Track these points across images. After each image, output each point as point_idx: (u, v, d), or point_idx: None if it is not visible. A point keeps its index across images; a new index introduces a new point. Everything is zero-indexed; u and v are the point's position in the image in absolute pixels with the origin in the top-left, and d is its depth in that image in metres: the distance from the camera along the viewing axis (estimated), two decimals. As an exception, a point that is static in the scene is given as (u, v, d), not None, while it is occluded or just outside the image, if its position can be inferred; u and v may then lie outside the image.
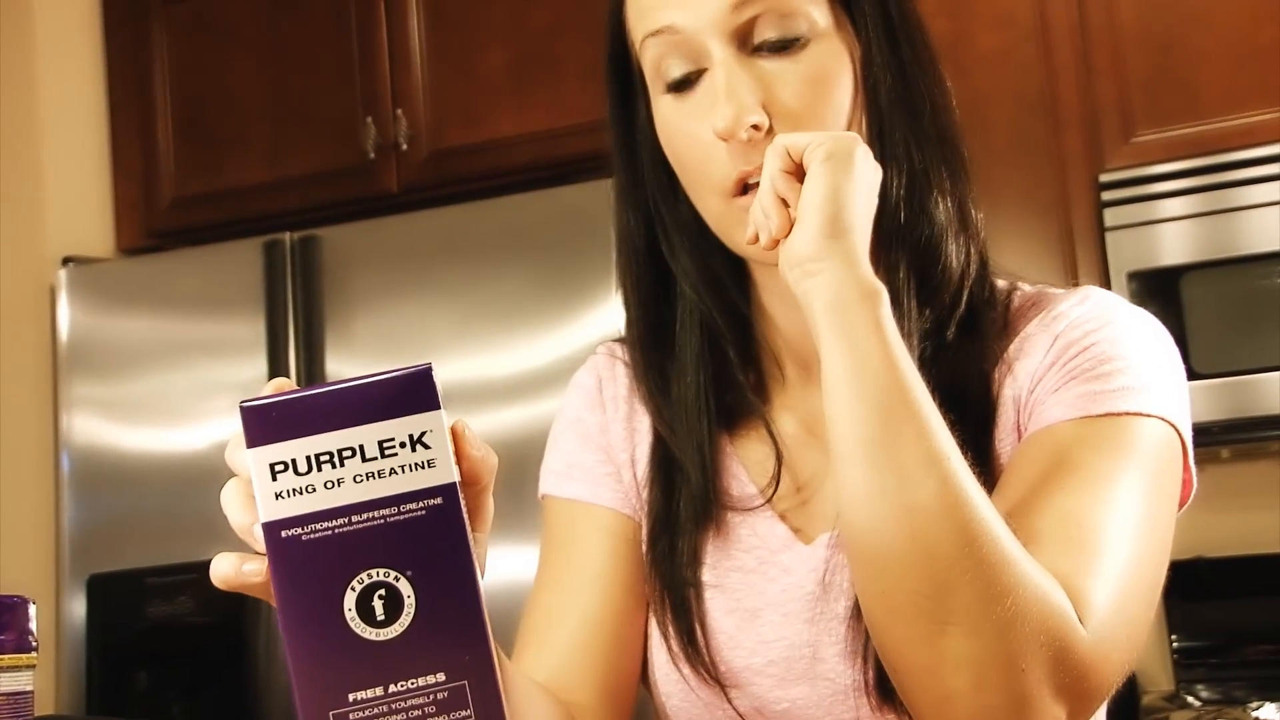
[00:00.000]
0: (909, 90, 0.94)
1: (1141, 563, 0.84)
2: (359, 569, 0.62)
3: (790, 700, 0.95)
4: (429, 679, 0.62)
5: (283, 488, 0.62)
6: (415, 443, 0.63)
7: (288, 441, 0.62)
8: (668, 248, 1.00)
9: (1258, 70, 2.45)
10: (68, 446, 2.83)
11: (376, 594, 0.62)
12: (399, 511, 0.62)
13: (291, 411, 0.62)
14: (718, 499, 1.00)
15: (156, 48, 3.14)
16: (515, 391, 2.54)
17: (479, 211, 2.66)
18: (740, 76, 0.90)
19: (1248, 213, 2.41)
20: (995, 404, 0.94)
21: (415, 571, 0.62)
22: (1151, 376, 0.91)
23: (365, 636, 0.62)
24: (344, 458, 0.62)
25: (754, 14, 0.90)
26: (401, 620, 0.62)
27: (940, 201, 0.94)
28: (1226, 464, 2.65)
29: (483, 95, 2.89)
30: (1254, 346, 2.41)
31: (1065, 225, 2.54)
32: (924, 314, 0.94)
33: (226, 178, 3.07)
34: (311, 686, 0.62)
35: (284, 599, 0.62)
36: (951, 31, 2.61)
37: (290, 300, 2.72)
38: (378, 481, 0.62)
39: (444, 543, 0.63)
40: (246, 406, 0.62)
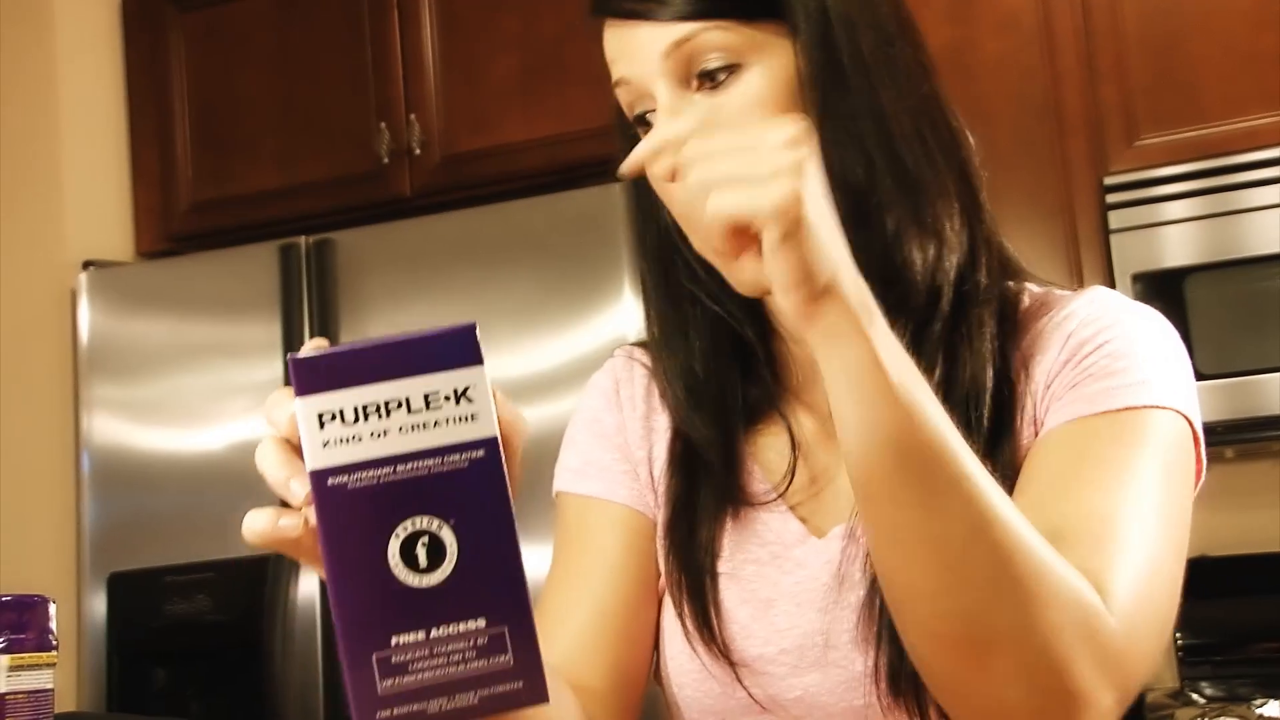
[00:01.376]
0: (846, 101, 0.93)
1: (1162, 552, 0.86)
2: (403, 517, 0.63)
3: (803, 688, 0.97)
4: (470, 625, 0.63)
5: (330, 437, 0.63)
6: (459, 397, 0.64)
7: (336, 392, 0.63)
8: (683, 262, 1.03)
9: (1259, 74, 2.46)
10: (88, 447, 2.86)
11: (420, 541, 0.63)
12: (442, 462, 0.64)
13: (340, 363, 0.63)
14: (735, 494, 1.02)
15: (174, 56, 3.18)
16: (526, 393, 2.56)
17: (490, 215, 2.68)
18: (674, 116, 0.93)
19: (1250, 215, 2.42)
20: (1014, 403, 0.96)
21: (457, 520, 0.64)
22: (1161, 370, 0.93)
23: (408, 583, 0.63)
24: (390, 409, 0.63)
25: (687, 53, 0.93)
26: (444, 567, 0.63)
27: (887, 214, 0.94)
28: (1231, 464, 2.66)
29: (494, 101, 2.91)
30: (1257, 347, 2.42)
31: (1070, 228, 2.55)
32: (894, 320, 0.92)
33: (243, 183, 3.10)
34: (355, 631, 0.63)
35: (329, 546, 0.63)
36: (956, 37, 2.63)
37: (305, 302, 2.75)
38: (422, 433, 0.64)
39: (485, 493, 0.65)
40: (297, 358, 0.64)
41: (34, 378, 3.01)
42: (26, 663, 0.87)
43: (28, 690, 0.87)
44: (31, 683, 0.87)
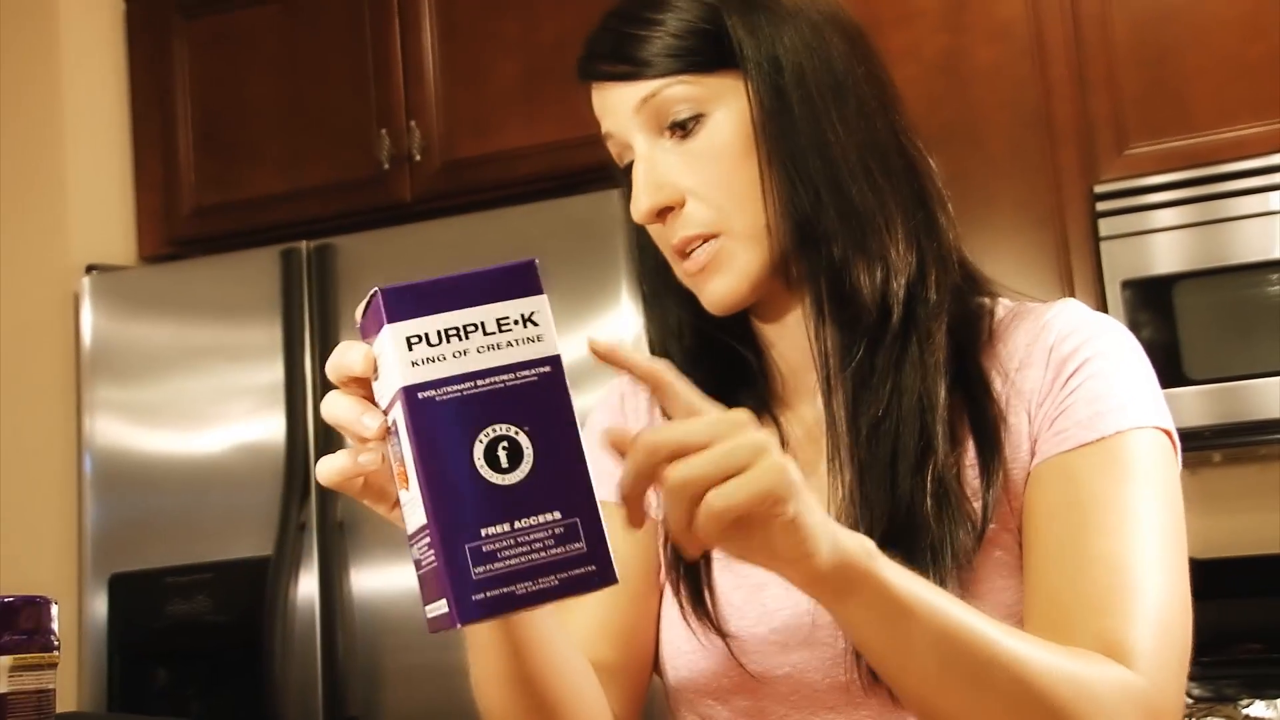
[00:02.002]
0: (796, 142, 1.02)
1: (1171, 582, 0.93)
2: (485, 424, 0.72)
3: (791, 665, 1.03)
4: (547, 516, 0.72)
5: (418, 357, 0.72)
6: (526, 321, 0.74)
7: (422, 318, 0.73)
8: (683, 295, 1.11)
9: (1247, 85, 2.48)
10: (90, 449, 2.87)
11: (500, 445, 0.72)
12: (515, 377, 0.73)
13: (423, 293, 0.73)
14: None
15: (177, 62, 3.19)
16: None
17: (490, 221, 2.70)
18: (646, 166, 1.04)
19: (1238, 223, 2.44)
20: (990, 405, 1.02)
21: (531, 426, 0.72)
22: (1137, 387, 1.01)
23: (493, 481, 0.71)
24: (468, 332, 0.73)
25: (654, 108, 1.04)
26: (522, 467, 0.72)
27: (834, 244, 1.02)
28: (1218, 467, 2.69)
29: (494, 107, 2.93)
30: (1244, 353, 2.44)
31: (1061, 235, 2.58)
32: (849, 336, 1.03)
33: (245, 188, 3.11)
34: (449, 527, 0.70)
35: (421, 454, 0.71)
36: (950, 46, 2.65)
37: (306, 307, 2.76)
38: (497, 352, 0.73)
39: (554, 403, 0.73)
40: (386, 289, 0.73)
41: (37, 380, 3.02)
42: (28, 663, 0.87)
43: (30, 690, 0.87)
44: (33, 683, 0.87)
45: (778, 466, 0.74)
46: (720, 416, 0.76)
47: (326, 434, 2.68)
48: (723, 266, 1.04)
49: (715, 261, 1.03)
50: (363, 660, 2.63)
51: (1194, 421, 2.41)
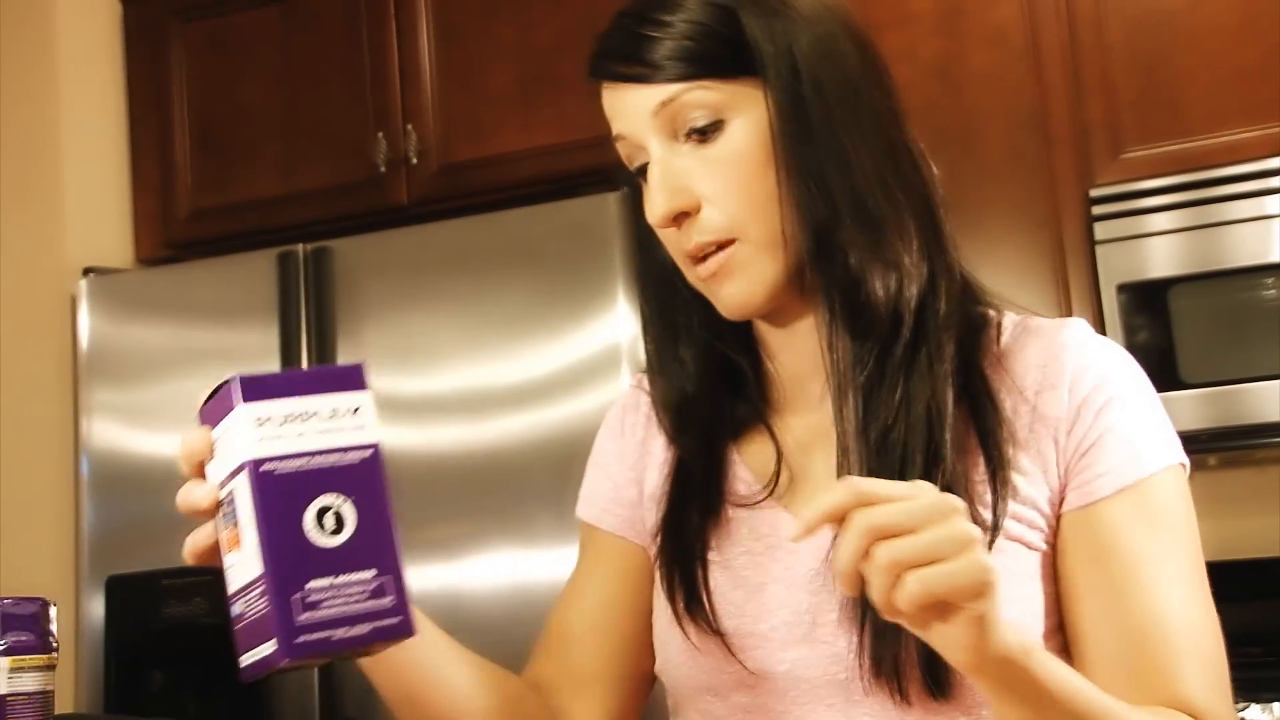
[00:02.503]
0: (815, 151, 1.02)
1: (1214, 628, 1.00)
2: (316, 494, 0.85)
3: (790, 661, 1.04)
4: (363, 574, 0.85)
5: (264, 434, 0.84)
6: (354, 412, 0.88)
7: (270, 401, 0.85)
8: (680, 295, 1.13)
9: (1242, 90, 2.49)
10: (87, 451, 2.87)
11: (328, 513, 0.85)
12: (344, 457, 0.86)
13: (273, 382, 0.86)
14: (724, 496, 1.11)
15: (174, 65, 3.20)
16: (520, 398, 2.58)
17: (486, 224, 2.70)
18: (663, 170, 1.04)
19: (1233, 227, 2.45)
20: (997, 415, 1.04)
21: (354, 499, 0.86)
22: (1157, 426, 1.04)
23: (320, 543, 0.84)
24: (307, 417, 0.86)
25: (673, 112, 1.03)
26: (345, 532, 0.85)
27: (851, 251, 1.02)
28: (1214, 471, 2.69)
29: (490, 111, 2.94)
30: (1240, 357, 2.45)
31: (1056, 239, 2.58)
32: (863, 345, 1.03)
33: (242, 191, 3.12)
34: (280, 579, 0.83)
35: (262, 516, 0.83)
36: (945, 50, 2.66)
37: (303, 309, 2.76)
38: (329, 435, 0.86)
39: (374, 480, 0.87)
40: (242, 376, 0.86)
41: (34, 383, 3.02)
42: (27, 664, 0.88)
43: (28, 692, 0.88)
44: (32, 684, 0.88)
45: (981, 566, 0.78)
46: (935, 500, 0.79)
47: (323, 437, 2.68)
48: (736, 272, 1.04)
49: (728, 267, 1.04)
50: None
51: (1190, 425, 2.41)
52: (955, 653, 0.83)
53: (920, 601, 0.77)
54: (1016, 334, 1.08)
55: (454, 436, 2.63)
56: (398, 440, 2.67)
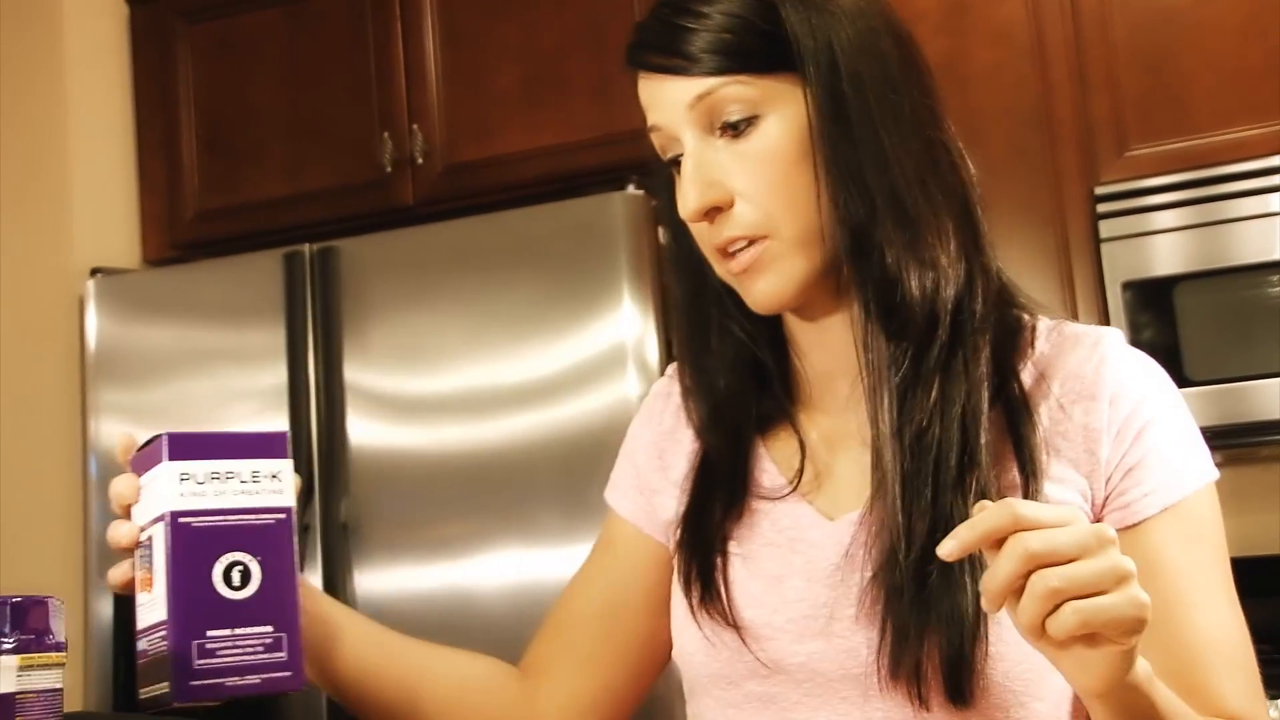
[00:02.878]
0: (854, 149, 1.01)
1: (1248, 638, 1.03)
2: (227, 550, 0.92)
3: (806, 654, 1.04)
4: (262, 629, 0.92)
5: (186, 490, 0.91)
6: (274, 477, 0.94)
7: (194, 460, 0.92)
8: (712, 291, 1.12)
9: (1246, 88, 2.49)
10: (95, 451, 2.88)
11: (236, 568, 0.91)
12: (258, 518, 0.93)
13: (202, 442, 0.93)
14: (748, 488, 1.11)
15: (181, 67, 3.21)
16: (525, 398, 2.59)
17: (491, 224, 2.71)
18: (697, 163, 1.03)
19: (1237, 225, 2.45)
20: (1029, 418, 1.04)
21: (262, 558, 0.92)
22: (1194, 445, 1.06)
23: (224, 595, 0.91)
24: (228, 477, 0.93)
25: (709, 106, 1.02)
26: (249, 588, 0.91)
27: (888, 249, 1.01)
28: (1220, 469, 2.68)
29: (495, 111, 2.94)
30: (1245, 354, 2.45)
31: (1061, 237, 2.58)
32: (899, 345, 1.03)
33: (248, 191, 3.12)
34: (183, 626, 0.89)
35: (173, 565, 0.91)
36: (950, 48, 2.66)
37: (310, 309, 2.77)
38: (247, 496, 0.93)
39: (282, 542, 0.94)
40: (172, 434, 0.93)
41: (42, 383, 3.03)
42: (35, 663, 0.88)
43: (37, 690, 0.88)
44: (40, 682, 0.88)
45: (1139, 602, 0.78)
46: (1092, 529, 0.79)
47: (330, 436, 2.69)
48: (768, 268, 1.03)
49: (760, 263, 1.03)
50: (366, 661, 2.63)
51: (1196, 423, 2.41)
52: (1088, 680, 0.83)
53: (1075, 633, 0.77)
54: (1053, 340, 1.08)
55: (460, 436, 2.63)
56: (403, 439, 2.67)
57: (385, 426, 2.69)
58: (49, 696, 0.87)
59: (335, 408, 2.71)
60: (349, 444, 2.70)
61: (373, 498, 2.68)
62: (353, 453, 2.69)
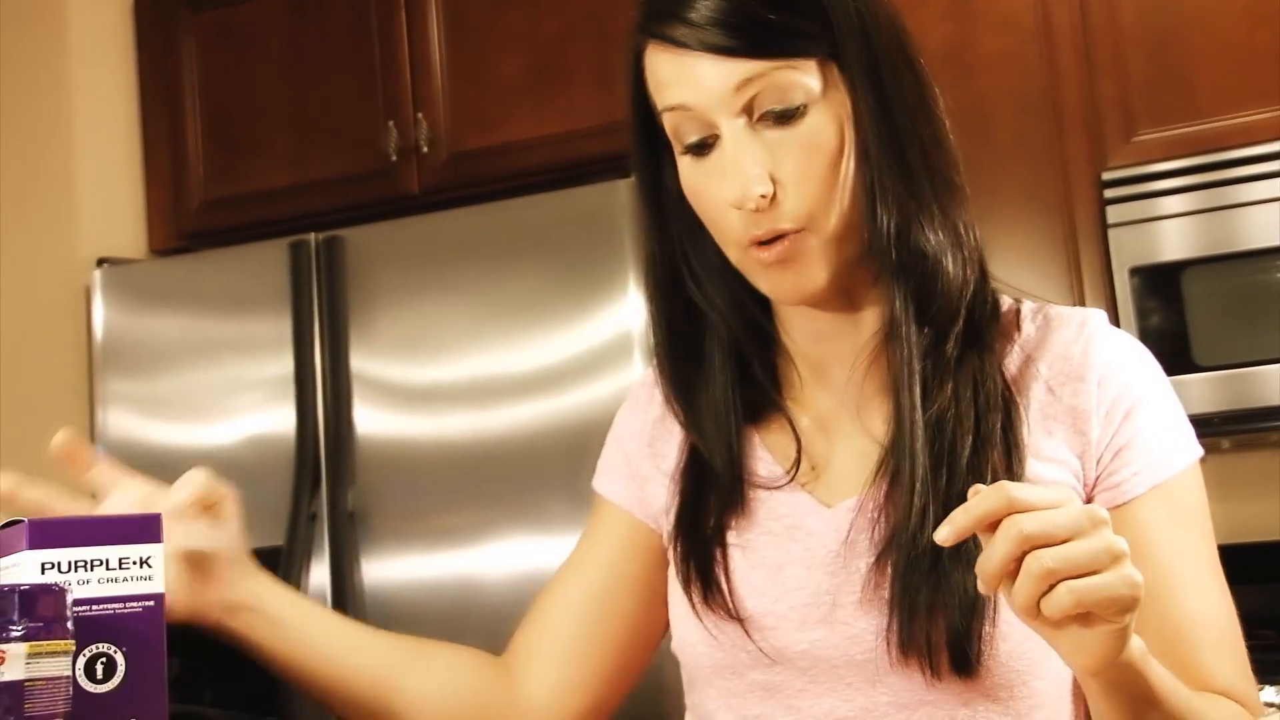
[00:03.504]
0: (897, 136, 1.00)
1: (1234, 614, 1.05)
2: (91, 641, 0.89)
3: (809, 642, 1.04)
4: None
5: (48, 580, 0.88)
6: (143, 563, 0.91)
7: (57, 549, 0.90)
8: (693, 279, 1.10)
9: (1255, 71, 2.48)
10: (103, 441, 2.88)
11: (100, 660, 0.89)
12: (125, 607, 0.90)
13: (63, 529, 0.91)
14: (744, 479, 1.11)
15: (186, 57, 3.21)
16: (531, 386, 2.59)
17: (496, 212, 2.71)
18: (745, 150, 0.99)
19: (1246, 209, 2.44)
20: (1013, 402, 1.04)
21: (128, 649, 0.89)
22: (1178, 424, 1.06)
23: (87, 689, 0.88)
24: (94, 565, 0.90)
25: (755, 91, 0.98)
26: (114, 680, 0.89)
27: (933, 233, 1.01)
28: (1227, 454, 2.69)
29: (500, 100, 2.94)
30: (1254, 339, 2.44)
31: (1069, 222, 2.58)
32: (924, 333, 1.03)
33: (253, 181, 3.13)
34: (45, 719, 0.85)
35: None
36: (956, 35, 2.65)
37: (315, 298, 2.77)
38: (113, 585, 0.90)
39: (151, 632, 0.90)
40: (33, 521, 0.91)
41: (50, 373, 3.04)
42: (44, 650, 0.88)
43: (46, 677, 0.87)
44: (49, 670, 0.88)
45: (1133, 581, 0.79)
46: (1084, 510, 0.79)
47: (336, 425, 2.70)
48: (803, 261, 1.01)
49: (797, 257, 1.01)
50: (374, 650, 2.64)
51: (1203, 408, 2.41)
52: (1084, 658, 0.83)
53: (1070, 612, 0.78)
54: (1039, 323, 1.08)
55: (465, 424, 2.64)
56: (409, 428, 2.68)
57: (391, 415, 2.69)
58: (58, 684, 0.88)
59: (341, 397, 2.71)
60: (355, 433, 2.70)
61: (379, 486, 2.68)
62: (359, 442, 2.70)
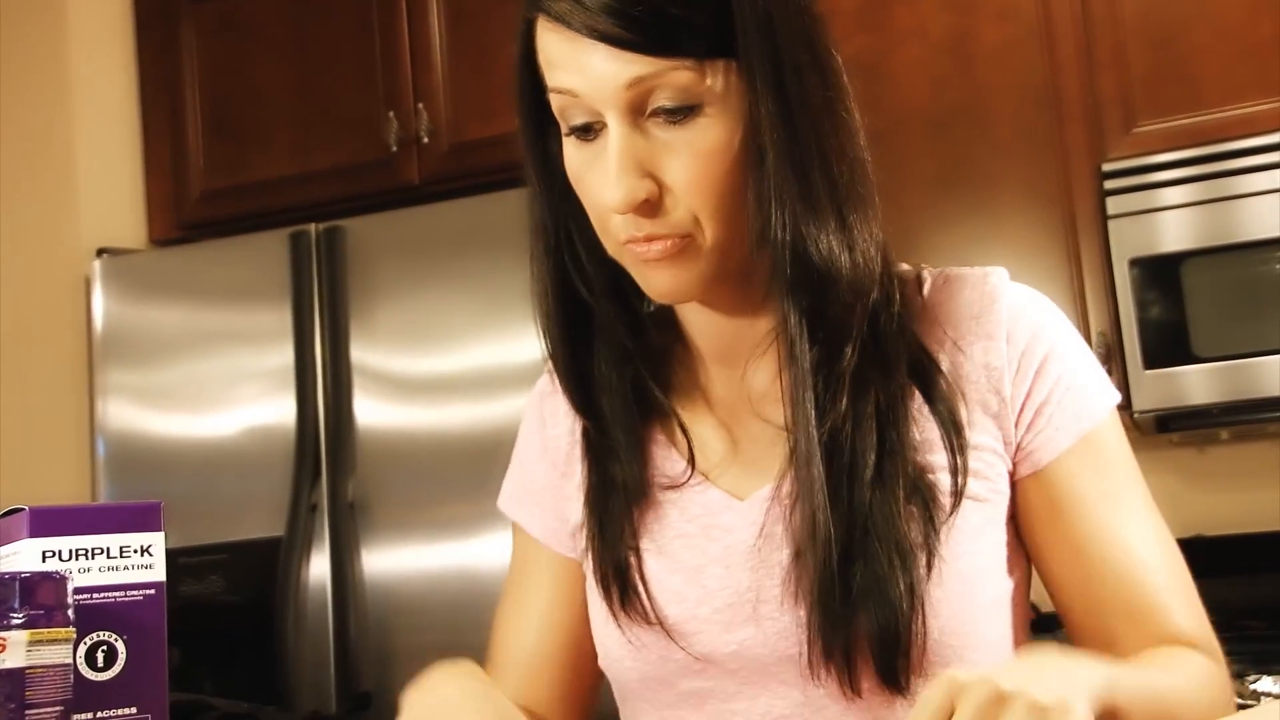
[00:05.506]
0: (797, 142, 0.94)
1: (1178, 554, 1.04)
2: (92, 629, 0.90)
3: (738, 643, 1.01)
4: (126, 711, 0.90)
5: (49, 568, 0.89)
6: (144, 551, 0.94)
7: (58, 537, 0.90)
8: (577, 270, 1.07)
9: (1255, 62, 2.48)
10: (103, 432, 2.89)
11: (101, 648, 0.90)
12: (125, 595, 0.92)
13: (63, 517, 0.91)
14: (649, 478, 1.07)
15: (185, 47, 3.21)
16: (531, 377, 2.56)
17: (497, 202, 2.70)
18: (630, 151, 0.94)
19: (1246, 200, 2.44)
20: (935, 371, 1.02)
21: (129, 637, 0.91)
22: (1089, 366, 1.05)
23: (88, 676, 0.89)
24: (94, 553, 0.91)
25: (648, 88, 0.93)
26: (115, 668, 0.90)
27: (827, 245, 0.95)
28: (1226, 445, 2.69)
29: (501, 90, 2.93)
30: (1253, 330, 2.44)
31: (1069, 214, 2.58)
32: (816, 347, 0.98)
33: (253, 171, 3.13)
34: (45, 706, 0.87)
35: None
36: (957, 27, 2.65)
37: (316, 289, 2.77)
38: (114, 573, 0.92)
39: (151, 620, 0.93)
40: (33, 508, 0.91)
41: (50, 364, 3.04)
42: (45, 638, 0.88)
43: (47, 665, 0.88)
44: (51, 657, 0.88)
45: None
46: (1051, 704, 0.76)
47: (336, 415, 2.70)
48: (681, 265, 0.97)
49: (676, 259, 0.96)
50: (374, 638, 2.65)
51: (1202, 399, 2.41)
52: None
53: None
54: (938, 285, 1.05)
55: (466, 415, 2.64)
56: (410, 419, 2.68)
57: (392, 406, 2.69)
58: (59, 671, 0.88)
59: (342, 387, 2.72)
60: (356, 423, 2.70)
61: (379, 477, 2.69)
62: (359, 432, 2.70)
